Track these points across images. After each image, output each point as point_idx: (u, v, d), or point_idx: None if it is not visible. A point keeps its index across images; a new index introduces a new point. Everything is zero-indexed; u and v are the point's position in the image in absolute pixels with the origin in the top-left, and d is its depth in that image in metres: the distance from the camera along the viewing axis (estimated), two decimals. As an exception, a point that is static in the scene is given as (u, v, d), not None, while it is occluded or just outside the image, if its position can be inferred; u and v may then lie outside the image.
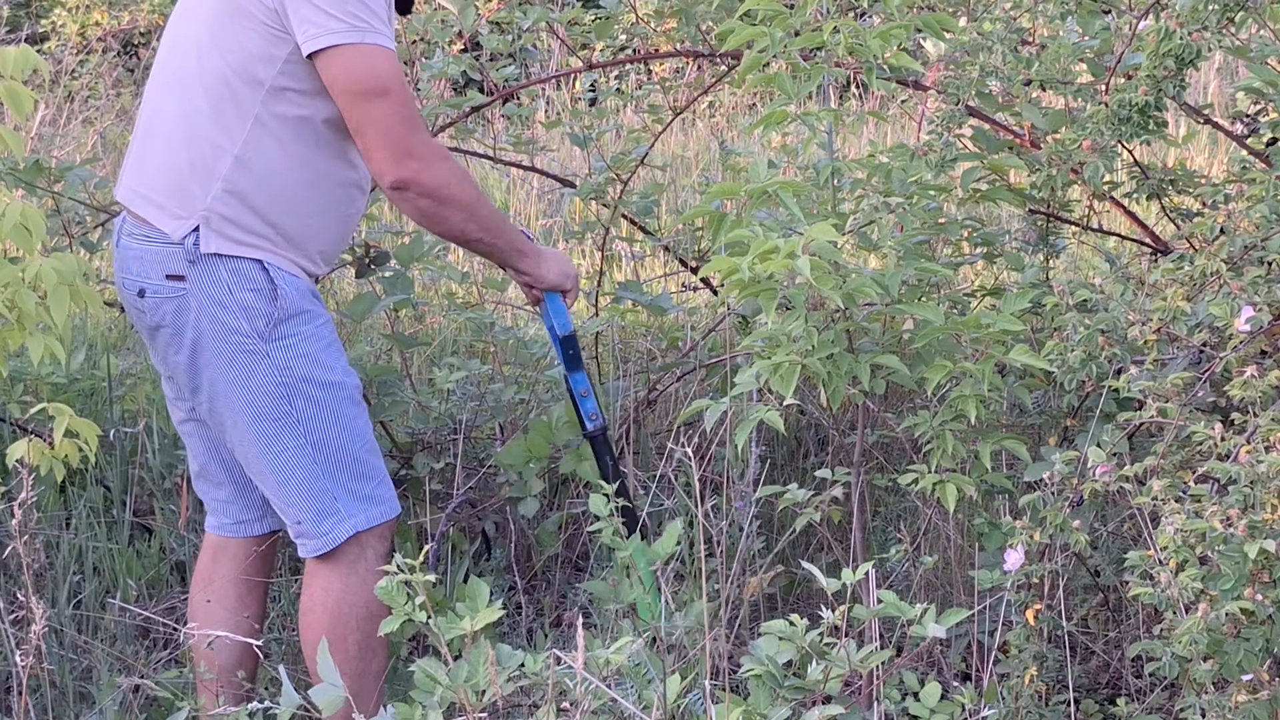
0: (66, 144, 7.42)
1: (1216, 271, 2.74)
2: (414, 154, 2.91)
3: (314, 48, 2.86)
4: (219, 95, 2.91)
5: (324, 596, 3.01)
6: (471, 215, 3.04)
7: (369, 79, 2.87)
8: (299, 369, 2.95)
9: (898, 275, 3.02)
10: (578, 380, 3.37)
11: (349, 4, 2.86)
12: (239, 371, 2.93)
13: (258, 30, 2.88)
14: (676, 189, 6.78)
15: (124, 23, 9.72)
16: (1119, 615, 3.23)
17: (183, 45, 3.01)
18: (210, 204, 2.90)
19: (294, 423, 2.95)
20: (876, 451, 3.92)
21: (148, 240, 2.95)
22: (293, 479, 2.97)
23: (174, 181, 2.94)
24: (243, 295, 2.91)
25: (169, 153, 2.95)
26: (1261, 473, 2.38)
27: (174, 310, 2.93)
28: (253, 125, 2.91)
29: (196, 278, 2.91)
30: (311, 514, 2.98)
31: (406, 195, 2.94)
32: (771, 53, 3.07)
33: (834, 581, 2.61)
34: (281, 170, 2.93)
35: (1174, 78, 2.90)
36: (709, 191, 3.21)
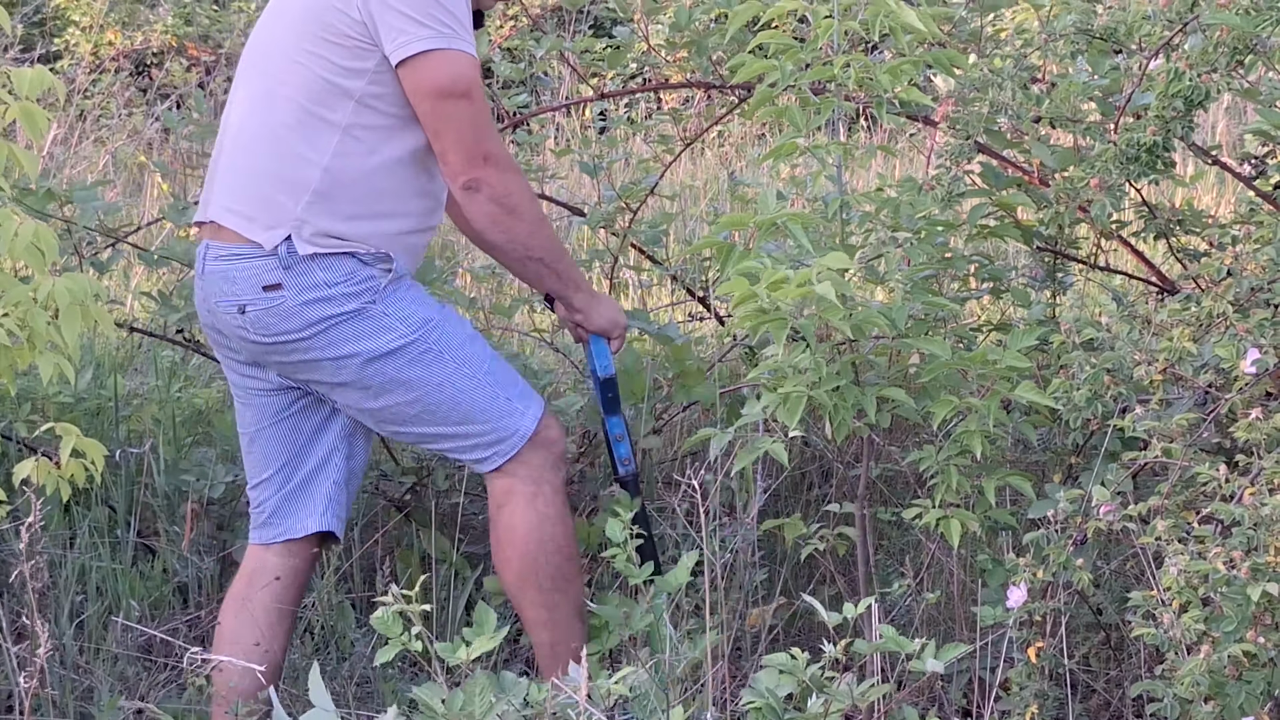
0: (78, 164, 7.43)
1: (1223, 313, 2.75)
2: (488, 157, 3.02)
3: (404, 54, 2.95)
4: (306, 110, 2.99)
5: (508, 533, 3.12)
6: (535, 232, 3.15)
7: (452, 82, 2.98)
8: (420, 312, 3.06)
9: (904, 309, 3.02)
10: (614, 424, 3.40)
11: (436, 11, 2.96)
12: (366, 339, 3.01)
13: (344, 45, 2.97)
14: (685, 219, 6.78)
15: (137, 43, 9.75)
16: (1121, 654, 3.23)
17: (266, 64, 3.08)
18: (300, 213, 2.98)
19: (438, 354, 3.05)
20: (881, 485, 3.92)
21: (238, 258, 3.01)
22: (462, 401, 3.07)
23: (263, 195, 3.01)
24: (342, 283, 3.00)
25: (258, 169, 3.03)
26: (1265, 515, 2.38)
27: (277, 317, 2.99)
28: (341, 137, 3.00)
29: (293, 283, 2.98)
30: (493, 419, 3.08)
31: (477, 197, 3.04)
32: (782, 85, 3.09)
33: (835, 615, 2.62)
34: (367, 179, 3.02)
35: (1182, 118, 2.91)
36: (718, 222, 3.22)
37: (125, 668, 3.57)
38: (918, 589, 3.38)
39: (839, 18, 3.02)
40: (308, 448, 3.21)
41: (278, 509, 3.23)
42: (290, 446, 3.21)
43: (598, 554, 3.71)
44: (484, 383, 3.09)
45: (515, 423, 3.10)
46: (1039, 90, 3.34)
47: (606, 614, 3.14)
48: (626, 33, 4.18)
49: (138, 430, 4.29)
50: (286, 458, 3.21)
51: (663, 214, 4.55)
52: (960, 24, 3.75)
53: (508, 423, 3.10)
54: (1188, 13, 2.94)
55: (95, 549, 3.87)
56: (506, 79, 4.34)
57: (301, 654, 3.62)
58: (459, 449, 3.14)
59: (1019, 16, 4.52)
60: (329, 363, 3.04)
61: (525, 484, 3.12)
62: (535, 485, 3.11)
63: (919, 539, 3.63)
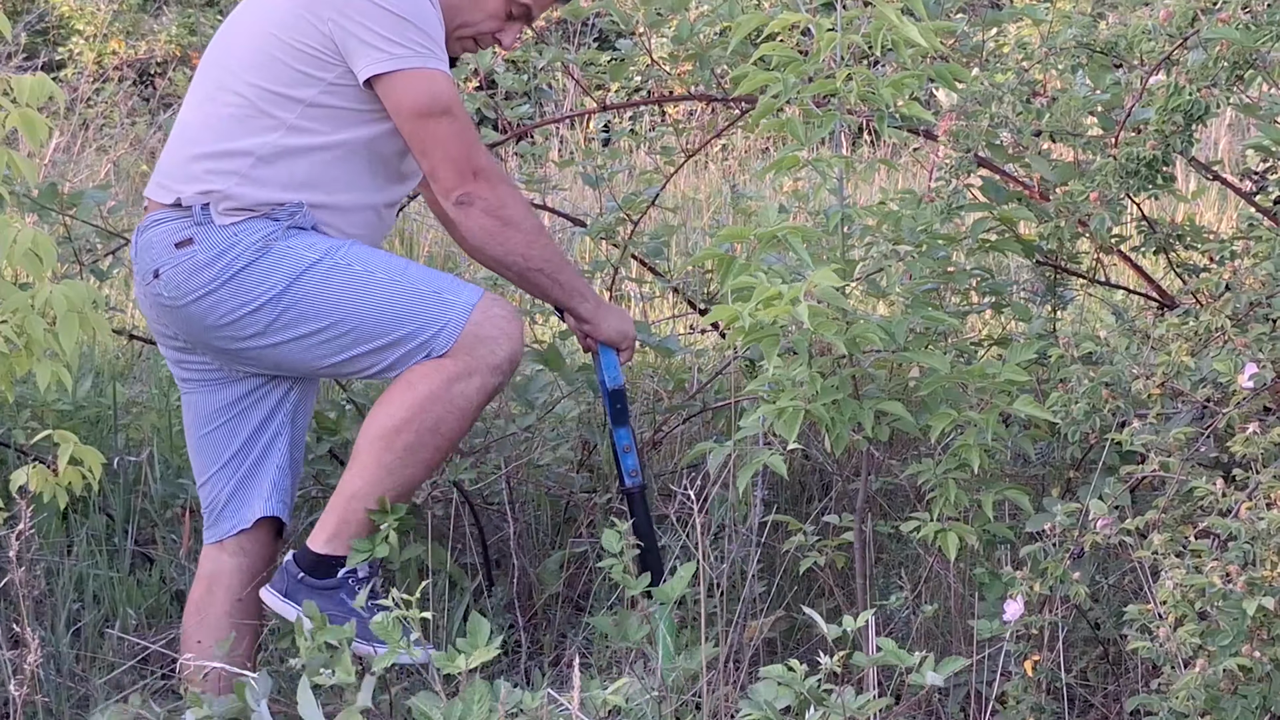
0: (80, 172, 7.44)
1: (1221, 327, 2.75)
2: (478, 171, 3.04)
3: (376, 71, 2.97)
4: (254, 106, 3.02)
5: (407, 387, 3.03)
6: (533, 242, 3.14)
7: (432, 101, 2.99)
8: (324, 241, 3.03)
9: (904, 323, 3.03)
10: (621, 435, 3.40)
11: (410, 32, 2.98)
12: (275, 274, 3.00)
13: (306, 52, 3.00)
14: (687, 231, 6.79)
15: (141, 52, 9.76)
16: (1118, 668, 3.22)
17: (223, 59, 3.11)
18: (224, 188, 3.00)
19: (347, 267, 3.02)
20: (880, 498, 3.92)
21: (155, 224, 3.05)
22: (386, 311, 3.01)
23: (191, 170, 3.04)
24: (250, 236, 3.00)
25: (191, 150, 3.06)
26: (1262, 529, 2.38)
27: (188, 272, 3.00)
28: (283, 133, 3.02)
29: (203, 237, 3.00)
30: (422, 318, 3.02)
31: (471, 211, 3.05)
32: (784, 98, 3.09)
33: (834, 628, 2.62)
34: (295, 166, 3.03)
35: (1182, 133, 2.91)
36: (718, 235, 3.22)
37: (121, 676, 3.57)
38: (916, 602, 3.38)
39: (842, 31, 3.02)
40: (254, 437, 3.21)
41: (228, 502, 3.23)
42: (237, 438, 3.20)
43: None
44: (402, 284, 3.03)
45: (445, 313, 3.02)
46: (1040, 104, 3.34)
47: (600, 625, 3.14)
48: (630, 45, 4.19)
49: (136, 438, 4.29)
50: (235, 449, 3.21)
51: (664, 226, 4.55)
52: (963, 38, 3.75)
53: (438, 314, 3.02)
54: (1188, 27, 2.95)
55: (93, 557, 3.87)
56: (510, 90, 4.35)
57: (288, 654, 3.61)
58: (401, 359, 3.05)
59: (1021, 31, 4.53)
60: (245, 313, 3.01)
61: (455, 364, 3.02)
62: (464, 370, 3.02)
63: (917, 552, 3.63)
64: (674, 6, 3.97)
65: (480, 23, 3.22)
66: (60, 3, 9.83)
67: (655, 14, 4.03)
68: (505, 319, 3.06)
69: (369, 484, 3.04)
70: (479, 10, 3.20)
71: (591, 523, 4.01)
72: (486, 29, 3.23)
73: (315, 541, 3.10)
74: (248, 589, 3.22)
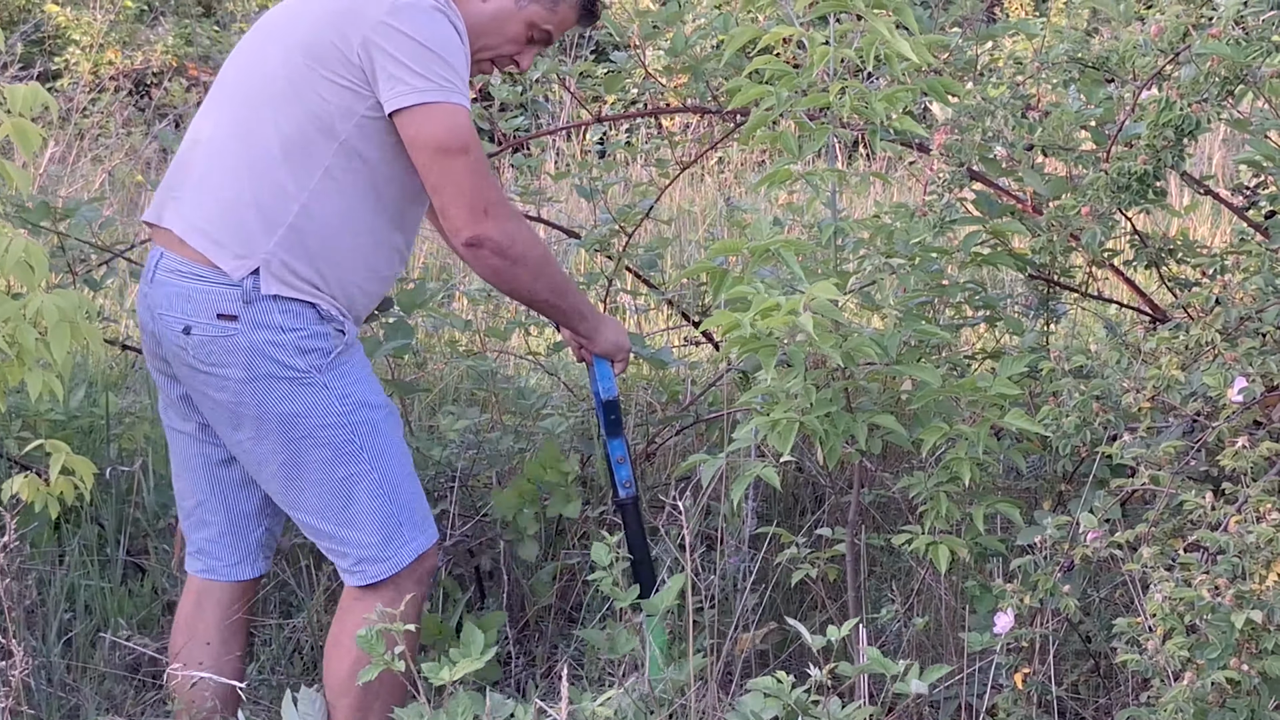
0: (75, 182, 7.45)
1: (1211, 342, 2.75)
2: (490, 212, 2.98)
3: (399, 105, 2.92)
4: (294, 143, 2.95)
5: (351, 640, 2.96)
6: (540, 275, 3.11)
7: (451, 137, 2.93)
8: (357, 394, 3.00)
9: (897, 336, 3.03)
10: (615, 447, 3.41)
11: (436, 65, 2.92)
12: (298, 404, 2.95)
13: (339, 83, 2.94)
14: (682, 243, 6.80)
15: (137, 62, 9.77)
16: (1109, 681, 3.22)
17: (252, 86, 3.03)
18: (273, 248, 2.93)
19: (357, 449, 2.99)
20: (872, 511, 3.92)
21: (199, 279, 2.95)
22: (356, 505, 3.00)
23: (238, 221, 2.94)
24: (297, 334, 2.94)
25: (235, 193, 2.96)
26: (1250, 543, 2.39)
27: (222, 349, 2.93)
28: (322, 176, 2.95)
29: (250, 317, 2.93)
30: (379, 539, 3.01)
31: (480, 253, 3.00)
32: (778, 111, 3.10)
33: (819, 638, 2.62)
34: (340, 224, 2.98)
35: (1173, 148, 2.92)
36: (712, 248, 3.22)
37: (112, 686, 3.57)
38: (907, 614, 3.38)
39: (835, 45, 3.03)
40: (239, 493, 3.17)
41: (205, 549, 3.21)
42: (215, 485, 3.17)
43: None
44: (385, 499, 3.01)
45: (395, 550, 3.02)
46: (1033, 119, 3.35)
47: (590, 637, 3.13)
48: (625, 58, 4.20)
49: (129, 449, 4.29)
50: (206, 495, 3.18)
51: (659, 238, 4.56)
52: (956, 52, 3.76)
53: (389, 549, 3.02)
54: (1180, 43, 2.96)
55: (84, 567, 3.87)
56: (505, 102, 4.35)
57: (289, 674, 3.61)
58: (333, 550, 3.06)
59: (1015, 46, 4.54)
60: (250, 414, 2.97)
61: (389, 590, 3.00)
62: (396, 595, 2.96)
63: (909, 565, 3.63)
64: (669, 19, 3.98)
65: (501, 46, 3.20)
66: (57, 13, 9.84)
67: (650, 27, 4.04)
68: (433, 558, 3.10)
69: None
70: (500, 35, 3.18)
71: (584, 535, 4.01)
72: (506, 52, 3.22)
73: None
74: (237, 606, 3.22)
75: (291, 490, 3.02)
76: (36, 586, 3.74)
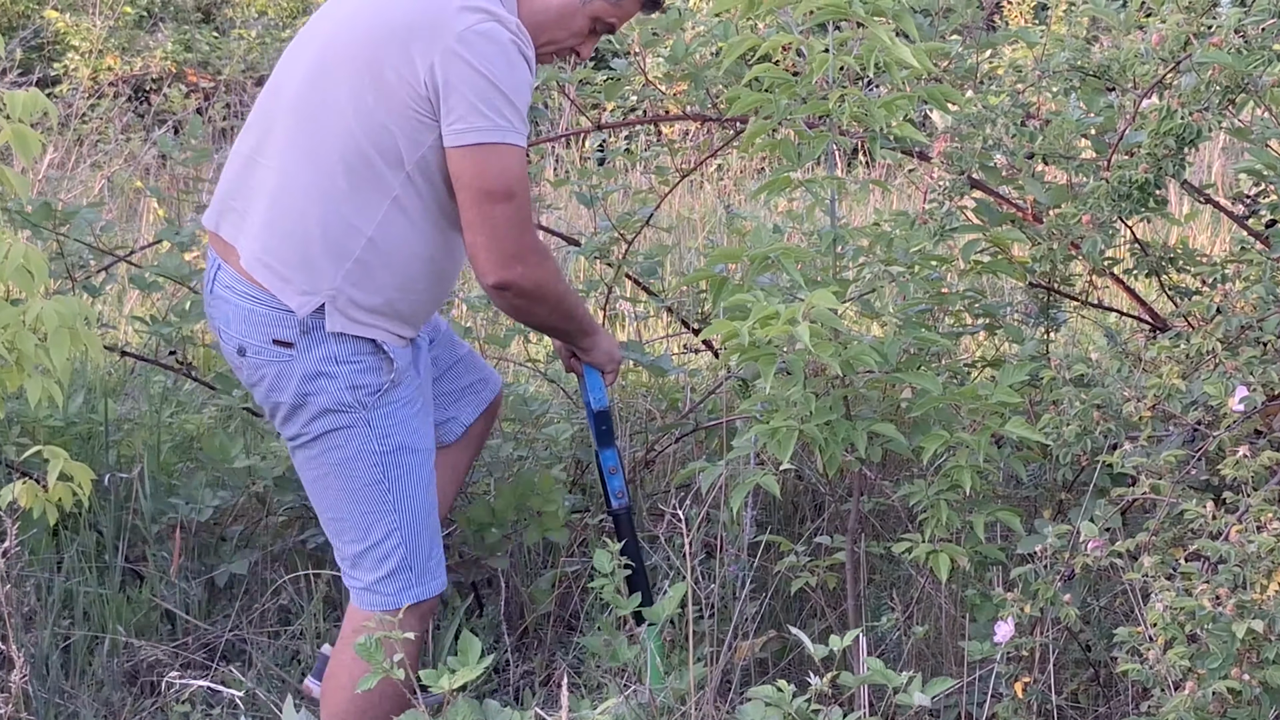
0: (74, 188, 7.44)
1: (1212, 350, 2.75)
2: (521, 259, 2.96)
3: (459, 142, 2.88)
4: (360, 175, 2.91)
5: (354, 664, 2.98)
6: (556, 308, 3.13)
7: (499, 181, 2.90)
8: (397, 436, 3.00)
9: (897, 344, 3.03)
10: (607, 457, 3.40)
11: (500, 103, 2.87)
12: (338, 436, 2.97)
13: (404, 113, 2.88)
14: (682, 251, 6.79)
15: (136, 68, 9.78)
16: (1109, 691, 3.22)
17: (319, 110, 2.95)
18: (339, 283, 2.91)
19: (385, 490, 3.01)
20: (872, 519, 3.92)
21: (256, 301, 2.94)
22: (371, 539, 3.02)
23: (304, 256, 2.92)
24: (350, 368, 2.95)
25: (302, 227, 2.92)
26: (1251, 552, 2.38)
27: (275, 374, 2.94)
28: (389, 207, 2.93)
29: (306, 346, 2.93)
30: (384, 575, 3.03)
31: (505, 294, 3.00)
32: (777, 119, 3.09)
33: (820, 647, 2.61)
34: (407, 253, 2.97)
35: (1174, 156, 2.92)
36: (712, 255, 3.22)
37: (111, 693, 3.56)
38: (907, 623, 3.38)
39: (834, 52, 3.02)
40: None
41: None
42: None
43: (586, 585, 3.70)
44: (402, 545, 3.03)
45: (397, 593, 3.04)
46: (1033, 127, 3.35)
47: (590, 645, 3.13)
48: (624, 65, 4.19)
49: (128, 455, 4.28)
50: None
51: (659, 245, 4.55)
52: (957, 60, 3.76)
53: (392, 587, 3.04)
54: (1180, 52, 2.95)
55: (83, 574, 3.86)
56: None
57: (290, 682, 3.61)
58: (343, 560, 3.09)
59: (1015, 54, 4.54)
60: (292, 429, 3.00)
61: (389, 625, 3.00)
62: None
63: (909, 573, 3.63)
64: (669, 27, 3.98)
65: (565, 40, 3.17)
66: (56, 19, 9.84)
67: (650, 34, 4.03)
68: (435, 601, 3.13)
69: None
70: (565, 29, 3.14)
71: (583, 542, 4.01)
72: (569, 45, 3.19)
73: None
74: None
75: (321, 504, 3.07)
76: (35, 593, 3.74)
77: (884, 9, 3.00)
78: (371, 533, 3.01)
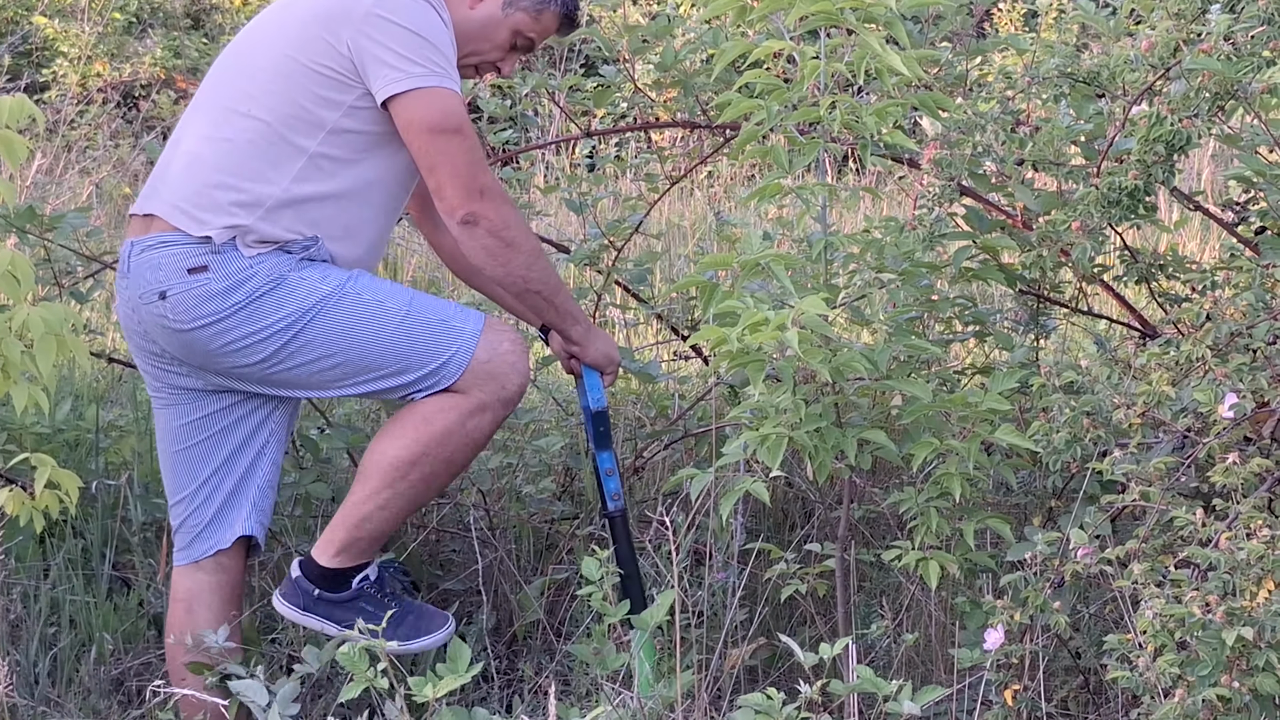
0: (62, 194, 7.42)
1: (1202, 357, 2.75)
2: (484, 191, 3.06)
3: (394, 91, 3.01)
4: (276, 133, 3.03)
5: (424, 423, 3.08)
6: (532, 264, 3.17)
7: (445, 118, 3.02)
8: (335, 273, 3.06)
9: (887, 351, 3.02)
10: (604, 459, 3.40)
11: (427, 50, 3.02)
12: (286, 306, 3.02)
13: (326, 75, 3.02)
14: (672, 258, 6.79)
15: (125, 74, 9.75)
16: (1099, 698, 3.21)
17: (238, 80, 3.10)
18: (251, 223, 3.01)
19: (356, 298, 3.05)
20: (862, 526, 3.91)
21: (165, 245, 3.01)
22: (391, 350, 3.06)
23: (216, 201, 3.02)
24: (266, 265, 3.02)
25: (214, 178, 3.03)
26: (1241, 559, 2.38)
27: (199, 301, 2.99)
28: (305, 163, 3.04)
29: (219, 266, 2.99)
30: (427, 355, 3.06)
31: (475, 231, 3.07)
32: (768, 126, 3.09)
33: (811, 655, 2.60)
34: (322, 204, 3.06)
35: (1164, 163, 2.92)
36: (701, 261, 3.21)
37: (98, 701, 3.55)
38: (897, 630, 3.37)
39: (825, 59, 3.02)
40: (235, 457, 3.21)
41: (210, 522, 3.23)
42: (216, 457, 3.20)
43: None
44: (411, 314, 3.07)
45: (451, 343, 3.07)
46: (1023, 133, 3.35)
47: (578, 653, 3.12)
48: (614, 72, 4.19)
49: (115, 462, 4.26)
50: (214, 468, 3.21)
51: (648, 252, 4.55)
52: (947, 67, 3.76)
53: (445, 344, 3.06)
54: (1170, 58, 2.95)
55: (69, 581, 3.85)
56: (494, 115, 4.34)
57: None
58: (407, 386, 3.10)
59: (1005, 60, 4.54)
60: (255, 341, 3.03)
61: (469, 401, 3.08)
62: (478, 405, 3.08)
63: (899, 580, 3.62)
64: (658, 33, 3.97)
65: (487, 53, 3.29)
66: (45, 25, 9.82)
67: (640, 40, 4.03)
68: (513, 352, 3.11)
69: (380, 508, 3.10)
70: (487, 41, 3.27)
71: (572, 550, 4.00)
72: (491, 58, 3.31)
73: (323, 556, 3.14)
74: (230, 607, 3.23)
75: (334, 379, 3.09)
76: (21, 601, 3.72)
77: (875, 16, 3.00)
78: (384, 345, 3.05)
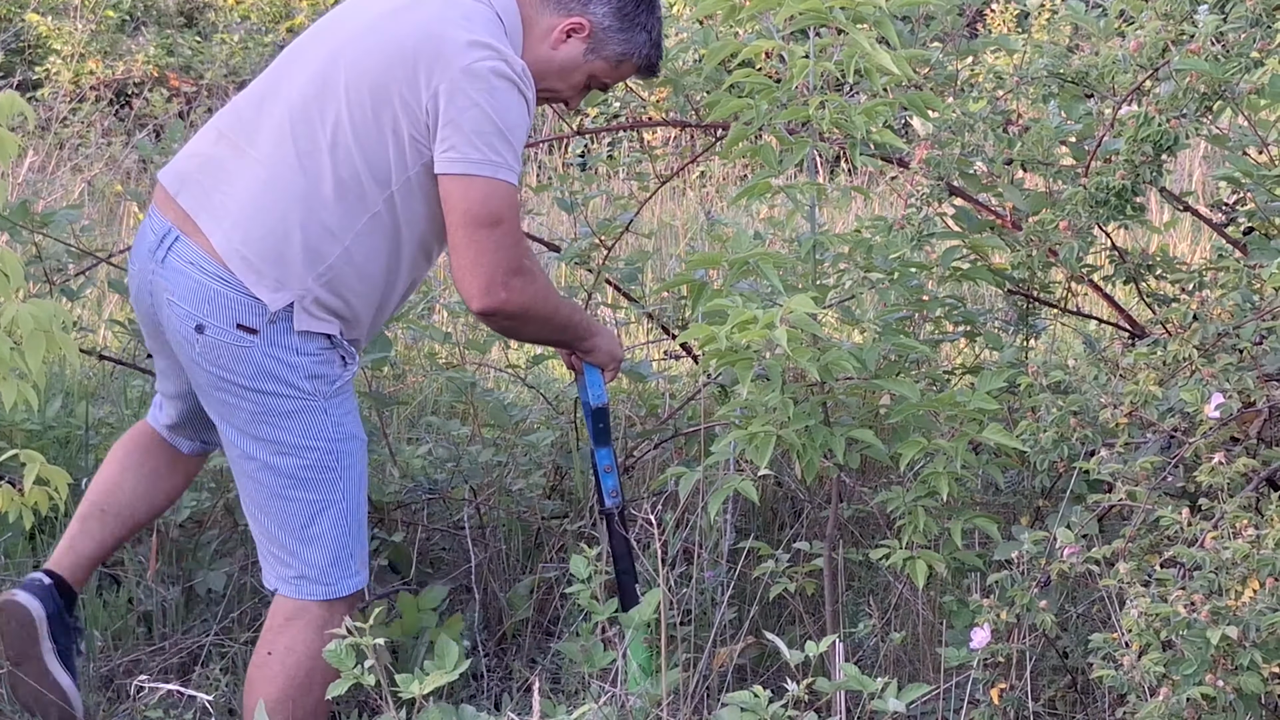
0: (54, 191, 7.42)
1: (1189, 357, 2.76)
2: (507, 284, 3.00)
3: (450, 170, 2.94)
4: (347, 187, 2.96)
5: (287, 654, 3.03)
6: (547, 324, 3.18)
7: (485, 212, 2.95)
8: (349, 425, 3.06)
9: (876, 350, 3.03)
10: (603, 455, 3.40)
11: (496, 141, 2.94)
12: (294, 423, 2.99)
13: (402, 133, 2.95)
14: (663, 257, 6.80)
15: (118, 72, 9.75)
16: (1086, 697, 3.22)
17: (317, 119, 2.98)
18: (310, 285, 2.95)
19: (336, 478, 3.03)
20: (851, 525, 3.91)
21: (227, 285, 2.95)
22: (317, 528, 3.03)
23: (280, 255, 2.95)
24: (310, 359, 2.98)
25: (283, 226, 2.95)
26: (1226, 559, 2.39)
27: (233, 358, 2.96)
28: (368, 221, 2.98)
29: (269, 336, 2.95)
30: (327, 563, 3.04)
31: (492, 320, 3.07)
32: (758, 125, 3.09)
33: (797, 654, 2.61)
34: (376, 267, 3.03)
35: (1152, 163, 2.93)
36: (691, 260, 3.22)
37: (86, 697, 3.54)
38: (885, 629, 3.38)
39: (815, 58, 3.02)
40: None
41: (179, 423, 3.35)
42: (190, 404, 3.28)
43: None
44: (345, 530, 3.05)
45: (338, 580, 3.05)
46: (1013, 134, 3.35)
47: (566, 651, 3.12)
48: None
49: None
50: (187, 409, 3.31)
51: (639, 252, 4.55)
52: (937, 67, 3.76)
53: (333, 575, 3.05)
54: (1159, 58, 2.96)
55: (60, 578, 3.84)
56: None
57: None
58: (278, 556, 3.08)
59: (995, 60, 4.54)
60: (251, 415, 3.00)
61: (321, 613, 3.05)
62: (328, 618, 3.01)
63: (887, 579, 3.63)
64: (649, 33, 3.97)
65: (561, 91, 3.25)
66: (38, 22, 9.81)
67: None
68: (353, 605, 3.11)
69: None
70: (563, 81, 3.21)
71: (562, 548, 4.00)
72: (563, 96, 3.27)
73: None
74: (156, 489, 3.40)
75: (261, 493, 3.05)
76: (10, 597, 3.71)
77: (865, 15, 3.00)
78: (317, 523, 3.03)
